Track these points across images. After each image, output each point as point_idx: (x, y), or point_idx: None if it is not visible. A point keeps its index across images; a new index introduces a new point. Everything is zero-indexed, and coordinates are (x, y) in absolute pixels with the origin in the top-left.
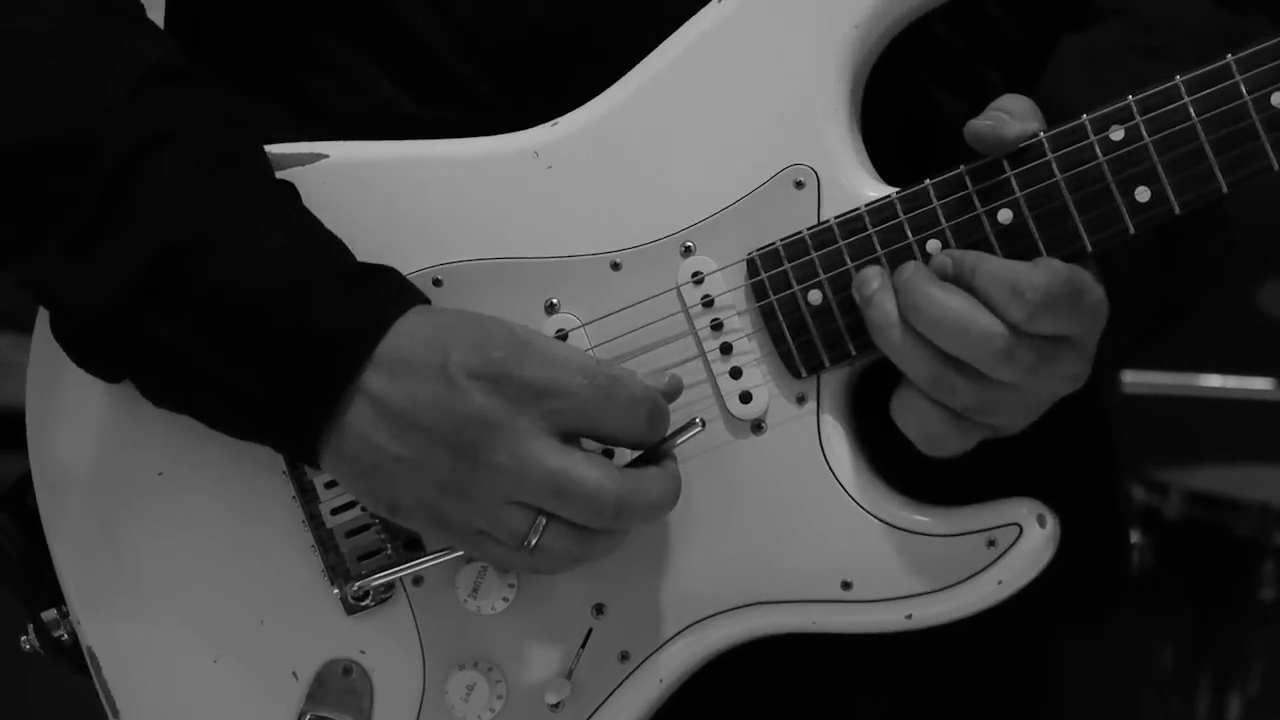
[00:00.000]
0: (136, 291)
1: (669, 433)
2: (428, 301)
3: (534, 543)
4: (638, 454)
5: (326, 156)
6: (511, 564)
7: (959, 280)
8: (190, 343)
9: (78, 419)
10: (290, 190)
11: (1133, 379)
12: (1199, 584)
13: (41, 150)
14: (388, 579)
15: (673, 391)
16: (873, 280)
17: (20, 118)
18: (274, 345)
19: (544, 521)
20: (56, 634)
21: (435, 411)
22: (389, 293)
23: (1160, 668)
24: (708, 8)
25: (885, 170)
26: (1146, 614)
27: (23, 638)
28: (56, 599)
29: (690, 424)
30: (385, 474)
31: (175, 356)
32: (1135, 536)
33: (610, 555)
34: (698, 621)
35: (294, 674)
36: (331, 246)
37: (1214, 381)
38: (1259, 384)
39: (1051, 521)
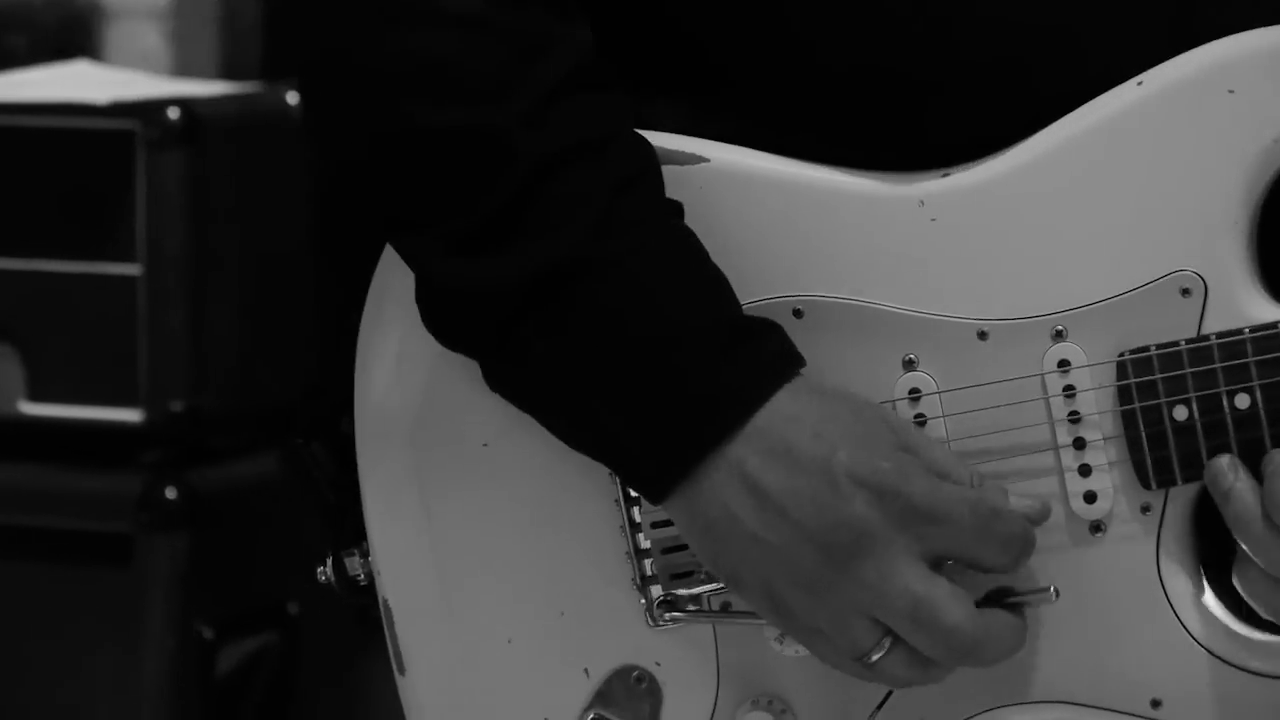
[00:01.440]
0: (516, 299)
1: (1024, 591)
2: (804, 364)
3: (874, 660)
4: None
5: (708, 161)
6: (839, 667)
7: None
8: (558, 360)
9: (409, 368)
10: (678, 211)
11: None
12: None
13: (453, 138)
14: (692, 621)
15: (1042, 517)
16: (1229, 474)
17: (436, 99)
18: (642, 388)
19: (889, 642)
20: (354, 574)
21: (812, 507)
22: (769, 356)
23: None
24: (1127, 85)
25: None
26: None
27: (320, 569)
28: (360, 539)
29: (1044, 592)
30: (739, 549)
31: (536, 364)
32: None
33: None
34: (1000, 707)
35: (585, 670)
36: (717, 287)
37: None
38: None
39: None
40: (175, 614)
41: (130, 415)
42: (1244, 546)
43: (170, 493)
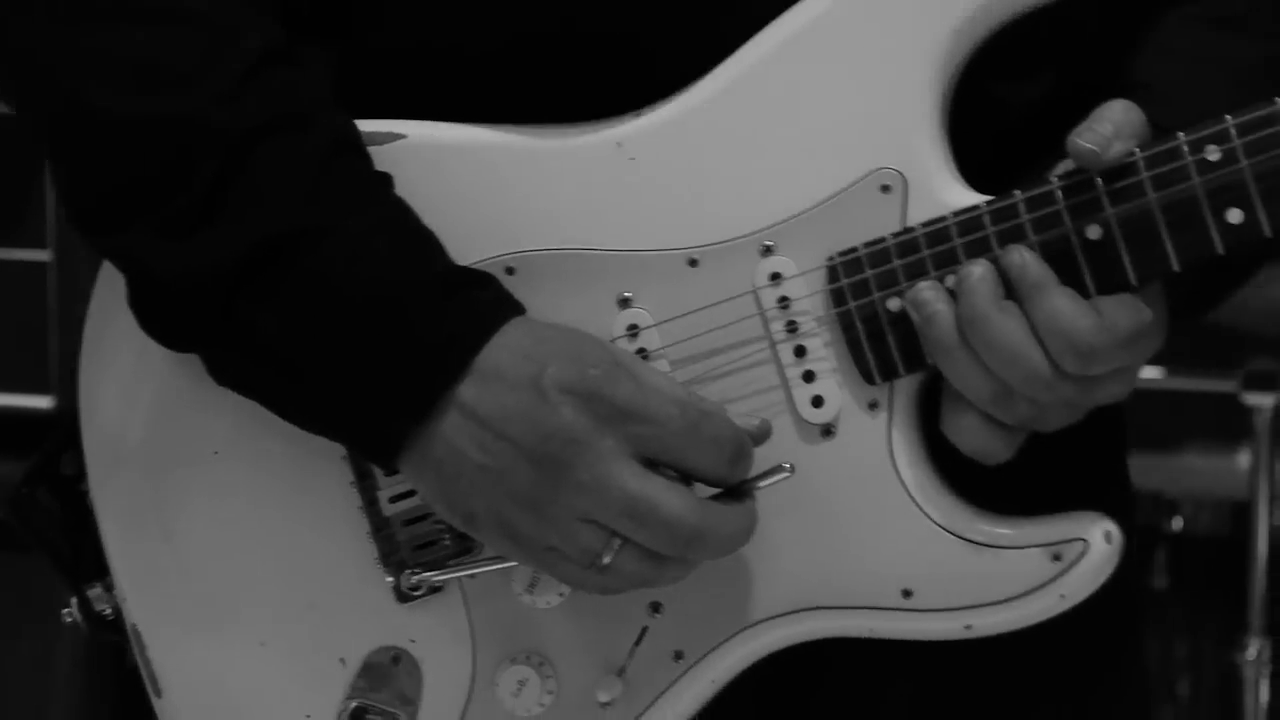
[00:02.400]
0: (234, 274)
1: (753, 475)
2: (523, 311)
3: (606, 561)
4: (717, 491)
5: (405, 137)
6: (579, 583)
7: (1018, 295)
8: (280, 328)
9: (133, 392)
10: (388, 181)
11: None
12: None
13: (150, 127)
14: (442, 580)
15: (762, 435)
16: (930, 299)
17: (130, 91)
18: (369, 346)
19: (618, 543)
20: (100, 609)
21: (523, 423)
22: (488, 302)
23: None
24: (803, 4)
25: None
26: None
27: (64, 610)
28: (101, 572)
29: (779, 468)
30: (466, 481)
31: (260, 339)
32: None
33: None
34: (756, 624)
35: (341, 660)
36: (430, 246)
37: None
38: (1149, 372)
39: (1117, 538)
40: None
41: (41, 402)
42: (944, 369)
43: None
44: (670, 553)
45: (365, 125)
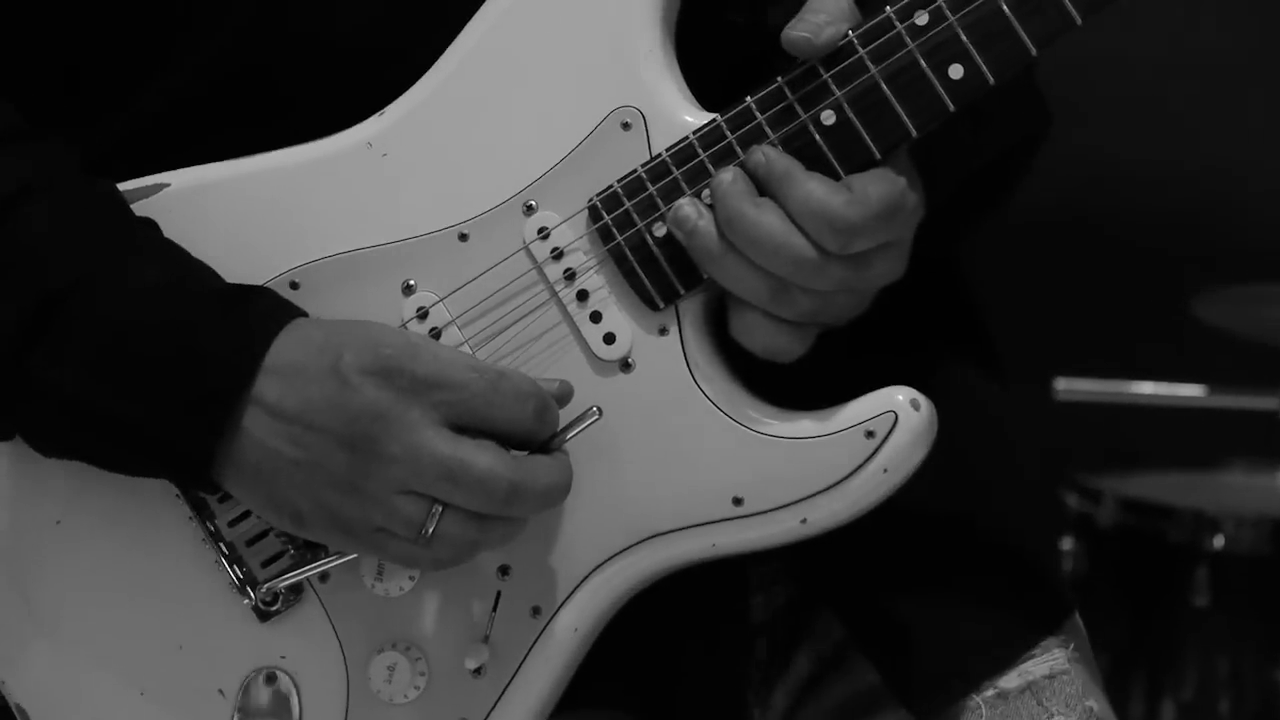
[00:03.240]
0: (17, 342)
1: (562, 427)
2: (305, 314)
3: (431, 530)
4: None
5: (168, 185)
6: (413, 560)
7: (770, 189)
8: (77, 382)
9: None
10: (152, 224)
11: (1065, 386)
12: (1132, 590)
13: None
14: (291, 580)
15: (563, 395)
16: (690, 215)
17: None
18: (160, 372)
19: (440, 509)
20: None
21: (329, 410)
22: (267, 307)
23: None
24: None
25: (710, 100)
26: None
27: None
28: None
29: (586, 413)
30: (285, 478)
31: (63, 398)
32: (1069, 543)
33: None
34: (600, 565)
35: (220, 691)
36: (204, 273)
37: (1146, 388)
38: (1191, 390)
39: (925, 404)
40: None
41: None
42: (714, 276)
43: None
44: (490, 510)
45: (128, 184)
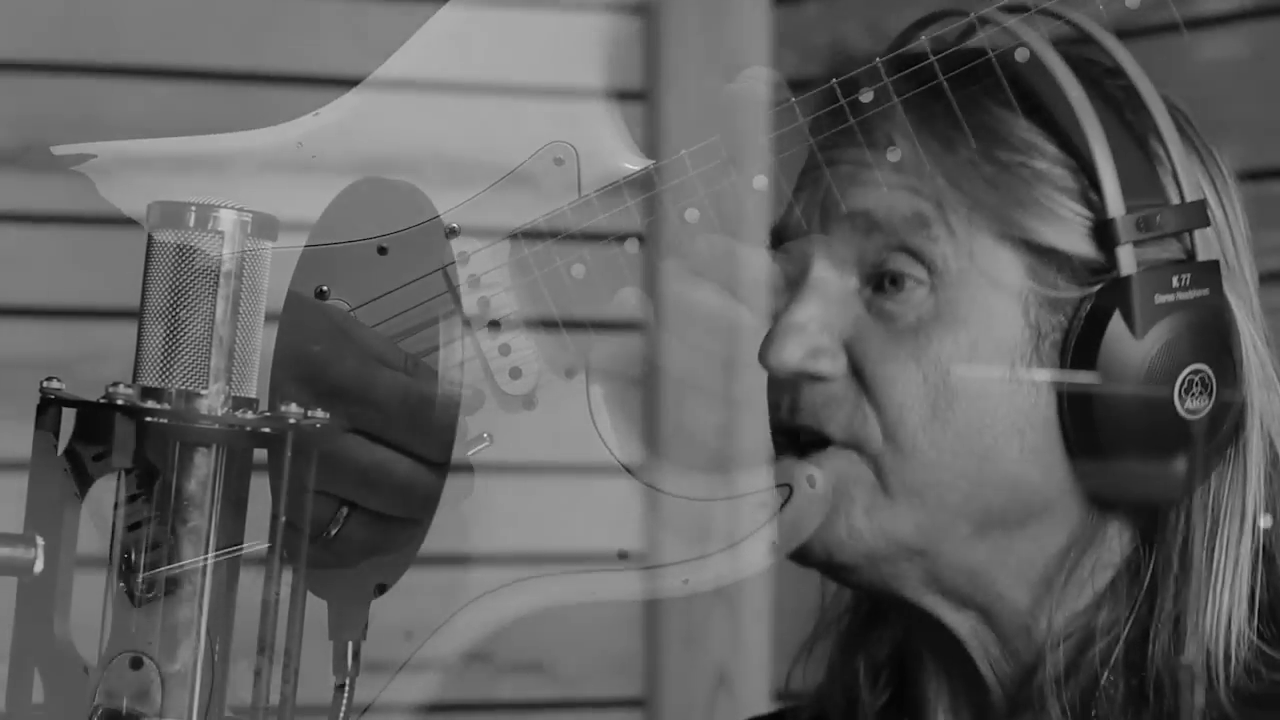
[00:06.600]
0: None
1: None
2: None
3: (334, 533)
4: None
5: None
6: (317, 563)
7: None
8: None
9: None
10: None
11: None
12: None
13: None
14: (169, 573)
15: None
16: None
17: None
18: None
19: (346, 512)
20: None
21: None
22: None
23: None
24: None
25: None
26: None
27: None
28: None
29: (478, 439)
30: None
31: None
32: None
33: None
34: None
35: (85, 669)
36: None
37: None
38: None
39: (821, 480)
40: None
41: None
42: None
43: None
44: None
45: (60, 148)
